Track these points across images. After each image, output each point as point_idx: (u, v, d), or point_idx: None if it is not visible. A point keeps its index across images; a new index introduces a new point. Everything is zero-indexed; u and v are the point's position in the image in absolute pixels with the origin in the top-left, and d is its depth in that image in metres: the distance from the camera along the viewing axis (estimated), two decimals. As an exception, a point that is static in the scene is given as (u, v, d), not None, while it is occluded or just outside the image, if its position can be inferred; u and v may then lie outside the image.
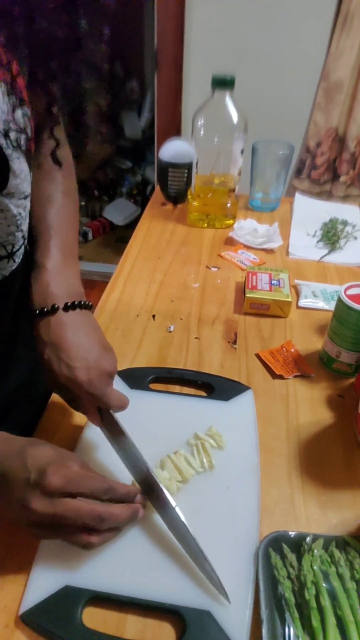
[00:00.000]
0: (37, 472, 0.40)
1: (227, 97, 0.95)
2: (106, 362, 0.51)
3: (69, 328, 0.51)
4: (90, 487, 0.42)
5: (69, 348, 0.50)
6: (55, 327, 0.51)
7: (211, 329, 0.79)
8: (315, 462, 0.59)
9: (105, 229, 2.87)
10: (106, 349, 0.53)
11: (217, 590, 0.44)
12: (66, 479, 0.41)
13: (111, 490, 0.43)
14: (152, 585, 0.45)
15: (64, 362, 0.49)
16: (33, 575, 0.45)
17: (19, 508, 0.40)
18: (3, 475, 0.41)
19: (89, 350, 0.51)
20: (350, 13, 1.60)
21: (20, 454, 0.42)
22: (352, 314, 0.64)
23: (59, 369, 0.49)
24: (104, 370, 0.51)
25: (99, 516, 0.42)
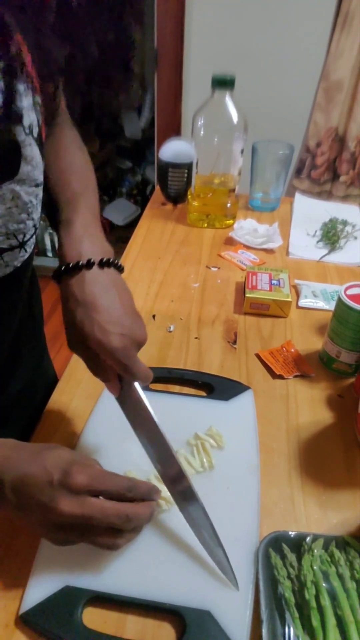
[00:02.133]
0: (61, 472, 0.40)
1: (227, 97, 0.95)
2: (138, 330, 0.49)
3: (104, 288, 0.49)
4: (114, 485, 0.42)
5: (104, 310, 0.47)
6: (90, 285, 0.48)
7: (211, 329, 0.79)
8: (315, 462, 0.59)
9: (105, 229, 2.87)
10: (138, 315, 0.51)
11: (226, 577, 0.44)
12: (91, 477, 0.41)
13: (134, 488, 0.43)
14: (152, 585, 0.45)
15: (99, 325, 0.46)
16: (33, 576, 0.45)
17: (44, 512, 0.40)
18: (22, 481, 0.40)
19: (124, 316, 0.48)
20: (350, 13, 1.60)
21: (37, 458, 0.42)
22: (352, 314, 0.64)
23: (92, 332, 0.46)
24: (136, 338, 0.48)
25: (126, 516, 0.41)
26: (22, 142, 0.45)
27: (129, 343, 0.47)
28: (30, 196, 0.49)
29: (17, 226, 0.49)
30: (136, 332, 0.48)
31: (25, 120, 0.45)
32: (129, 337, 0.47)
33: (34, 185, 0.49)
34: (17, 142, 0.45)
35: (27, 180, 0.47)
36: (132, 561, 0.46)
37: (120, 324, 0.47)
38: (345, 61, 1.69)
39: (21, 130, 0.45)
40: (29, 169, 0.47)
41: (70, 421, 0.62)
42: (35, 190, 0.49)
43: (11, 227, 0.48)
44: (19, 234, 0.50)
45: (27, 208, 0.49)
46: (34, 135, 0.47)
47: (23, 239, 0.50)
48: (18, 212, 0.48)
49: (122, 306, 0.49)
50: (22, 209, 0.48)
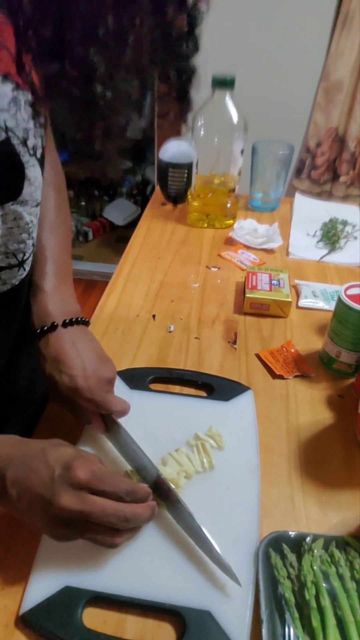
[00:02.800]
0: (62, 467, 0.41)
1: (227, 97, 0.95)
2: (104, 369, 0.54)
3: (68, 342, 0.54)
4: (114, 487, 0.42)
5: (67, 359, 0.52)
6: (54, 343, 0.53)
7: (211, 329, 0.79)
8: (315, 462, 0.59)
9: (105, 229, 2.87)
10: (104, 358, 0.56)
11: (227, 575, 0.45)
12: (92, 473, 0.41)
13: (133, 493, 0.44)
14: (152, 585, 0.45)
15: (64, 373, 0.52)
16: (33, 576, 0.45)
17: (45, 506, 0.40)
18: (25, 477, 0.41)
19: (87, 360, 0.53)
20: (350, 13, 1.60)
21: (40, 453, 0.42)
22: (352, 314, 0.64)
23: (60, 380, 0.52)
24: (103, 377, 0.53)
25: (125, 517, 0.42)
26: (26, 163, 0.46)
27: (95, 382, 0.52)
28: (32, 216, 0.50)
29: (17, 246, 0.50)
30: (101, 371, 0.53)
31: (29, 142, 0.46)
32: (93, 377, 0.52)
33: (35, 205, 0.50)
34: (21, 163, 0.45)
35: (29, 201, 0.48)
36: (132, 561, 0.46)
37: (84, 368, 0.52)
38: (345, 61, 1.69)
39: (26, 151, 0.45)
40: (32, 190, 0.48)
41: (70, 422, 0.62)
42: (35, 210, 0.50)
43: (11, 246, 0.49)
44: (18, 253, 0.51)
45: (28, 228, 0.50)
46: (37, 156, 0.48)
47: (22, 257, 0.52)
48: (19, 232, 0.49)
49: (85, 353, 0.54)
50: (23, 229, 0.49)
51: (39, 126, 0.47)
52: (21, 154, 0.45)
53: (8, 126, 0.42)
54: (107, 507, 0.41)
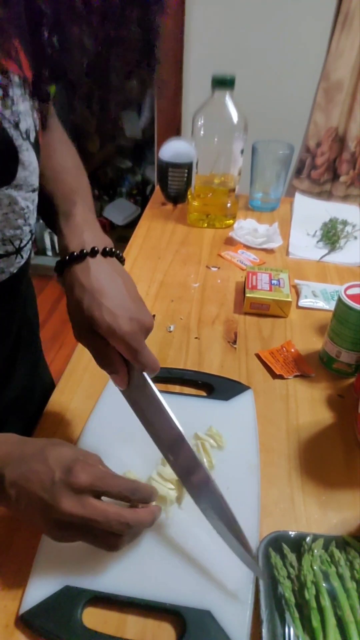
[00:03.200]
0: (63, 470, 0.40)
1: (227, 97, 0.95)
2: (146, 316, 0.49)
3: (110, 275, 0.49)
4: (117, 487, 0.42)
5: (111, 296, 0.47)
6: (96, 272, 0.48)
7: (211, 329, 0.79)
8: (315, 462, 0.59)
9: (105, 228, 2.87)
10: (143, 303, 0.50)
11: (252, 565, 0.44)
12: (94, 476, 0.40)
13: (137, 491, 0.43)
14: (152, 585, 0.45)
15: (107, 310, 0.46)
16: (33, 576, 0.45)
17: (45, 508, 0.40)
18: (24, 477, 0.40)
19: (131, 302, 0.48)
20: (350, 13, 1.60)
21: (40, 454, 0.42)
22: (352, 314, 0.64)
23: (101, 316, 0.46)
24: (143, 323, 0.48)
25: (127, 522, 0.41)
26: (19, 147, 0.45)
27: (138, 328, 0.47)
28: (27, 201, 0.49)
29: (13, 232, 0.48)
30: (144, 318, 0.48)
31: (22, 125, 0.45)
32: (137, 322, 0.47)
33: (30, 190, 0.48)
34: (14, 147, 0.45)
35: (24, 186, 0.47)
36: (132, 561, 0.46)
37: (129, 308, 0.47)
38: (345, 61, 1.69)
39: (18, 135, 0.44)
40: (26, 174, 0.47)
41: (70, 421, 0.62)
42: (31, 195, 0.49)
43: (7, 233, 0.48)
44: (15, 240, 0.49)
45: (24, 214, 0.49)
46: (31, 140, 0.47)
47: (19, 244, 0.50)
48: (15, 217, 0.48)
49: (128, 294, 0.49)
50: (19, 214, 0.48)
51: (31, 109, 0.46)
52: (14, 137, 0.44)
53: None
54: (109, 513, 0.40)
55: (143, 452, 0.57)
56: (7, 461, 0.42)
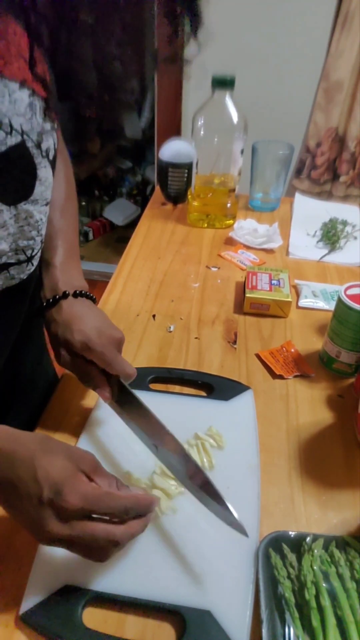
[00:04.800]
0: (52, 489, 0.38)
1: (227, 97, 0.95)
2: (115, 331, 0.57)
3: (79, 309, 0.57)
4: (110, 508, 0.40)
5: (80, 321, 0.56)
6: (66, 308, 0.57)
7: (211, 329, 0.79)
8: (315, 462, 0.59)
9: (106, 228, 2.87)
10: (112, 324, 0.59)
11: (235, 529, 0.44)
12: (84, 499, 0.39)
13: (134, 509, 0.41)
14: (152, 585, 0.45)
15: (79, 331, 0.55)
16: (33, 575, 0.45)
17: (32, 524, 0.39)
18: (12, 485, 0.39)
19: (98, 322, 0.57)
20: (350, 13, 1.60)
21: (29, 461, 0.40)
22: (352, 314, 0.64)
23: (73, 337, 0.54)
24: (113, 336, 0.56)
25: (114, 540, 0.40)
26: (38, 164, 0.47)
27: (107, 340, 0.55)
28: (41, 214, 0.51)
29: (26, 243, 0.51)
30: (113, 332, 0.56)
31: (43, 145, 0.47)
32: (106, 336, 0.55)
33: (44, 204, 0.51)
34: (34, 164, 0.47)
35: (39, 200, 0.49)
36: (132, 561, 0.46)
37: (98, 327, 0.55)
38: (345, 61, 1.69)
39: (39, 153, 0.47)
40: (42, 189, 0.49)
41: (71, 421, 0.62)
42: (45, 208, 0.52)
43: (21, 243, 0.50)
44: (27, 250, 0.52)
45: (38, 225, 0.51)
46: (49, 158, 0.49)
47: (31, 253, 0.53)
48: (29, 229, 0.50)
49: (96, 319, 0.57)
50: (33, 226, 0.50)
51: (51, 129, 0.48)
52: (34, 156, 0.46)
53: (24, 129, 0.44)
54: (96, 532, 0.39)
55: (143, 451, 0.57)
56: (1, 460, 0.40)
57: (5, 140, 0.42)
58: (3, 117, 0.41)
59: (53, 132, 0.49)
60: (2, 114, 0.41)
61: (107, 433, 0.60)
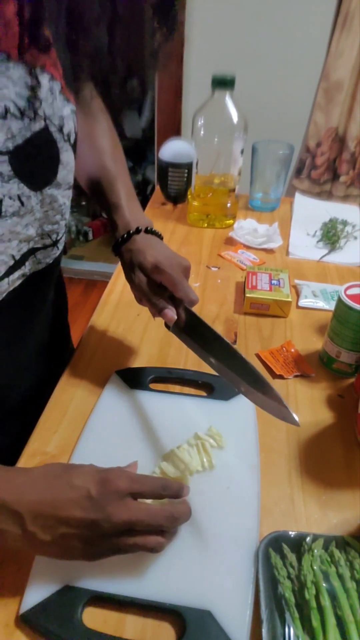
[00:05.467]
0: (97, 483, 0.40)
1: (227, 97, 0.95)
2: (184, 260, 0.61)
3: (151, 241, 0.63)
4: (151, 486, 0.43)
5: (152, 249, 0.61)
6: (140, 240, 0.62)
7: (211, 329, 0.79)
8: (315, 462, 0.59)
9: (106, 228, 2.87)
10: (181, 256, 0.62)
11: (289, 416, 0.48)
12: (130, 479, 0.42)
13: (168, 487, 0.44)
14: (152, 585, 0.45)
15: (151, 254, 0.59)
16: (33, 575, 0.45)
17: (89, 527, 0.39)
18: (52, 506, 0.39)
19: (169, 252, 0.62)
20: (350, 13, 1.60)
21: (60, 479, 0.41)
22: (352, 314, 0.64)
23: (145, 260, 0.59)
24: (182, 264, 0.60)
25: (172, 515, 0.43)
26: (60, 148, 0.48)
27: (177, 264, 0.59)
28: (64, 198, 0.52)
29: (51, 227, 0.52)
30: (182, 260, 0.61)
31: (65, 129, 0.48)
32: (176, 261, 0.59)
33: (67, 188, 0.52)
34: (57, 148, 0.48)
35: (62, 184, 0.50)
36: (132, 561, 0.46)
37: (168, 254, 0.61)
38: (345, 61, 1.69)
39: (61, 137, 0.48)
40: (65, 173, 0.50)
41: (70, 421, 0.62)
42: (68, 192, 0.53)
43: (46, 228, 0.51)
44: (52, 234, 0.53)
45: (62, 210, 0.52)
46: (71, 142, 0.50)
47: (56, 237, 0.54)
48: (53, 214, 0.51)
49: (166, 250, 0.62)
50: (57, 210, 0.51)
51: (71, 112, 0.49)
52: (57, 140, 0.47)
53: (46, 114, 0.45)
54: (154, 510, 0.42)
55: (143, 451, 0.57)
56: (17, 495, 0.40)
57: (30, 126, 0.43)
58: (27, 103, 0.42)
59: (73, 115, 0.50)
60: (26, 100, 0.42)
61: (109, 430, 0.60)
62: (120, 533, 0.41)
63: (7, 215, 0.44)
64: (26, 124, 0.42)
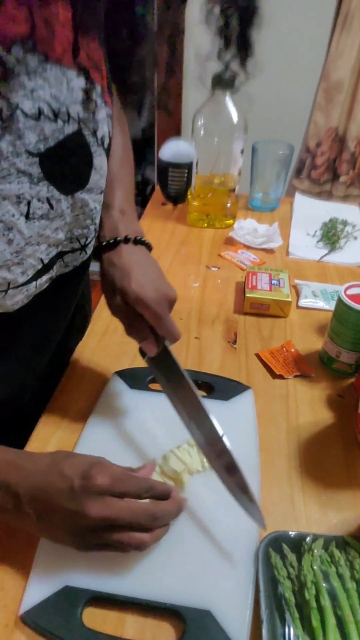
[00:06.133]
0: (80, 477, 0.41)
1: (227, 97, 0.95)
2: (169, 290, 0.57)
3: (139, 258, 0.57)
4: (134, 486, 0.43)
5: (140, 272, 0.55)
6: (126, 254, 0.57)
7: (211, 329, 0.79)
8: (315, 462, 0.59)
9: (105, 229, 2.87)
10: (168, 282, 0.58)
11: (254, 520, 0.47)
12: (112, 477, 0.41)
13: (152, 489, 0.44)
14: (152, 585, 0.45)
15: (136, 281, 0.54)
16: (33, 575, 0.45)
17: (71, 518, 0.40)
18: (43, 490, 0.41)
19: (156, 277, 0.57)
20: (350, 13, 1.60)
21: (53, 466, 0.42)
22: (352, 314, 0.64)
23: (130, 287, 0.54)
24: (168, 295, 0.55)
25: (153, 514, 0.42)
26: (94, 152, 0.47)
27: (162, 298, 0.54)
28: (96, 203, 0.51)
29: (81, 231, 0.51)
30: (168, 290, 0.56)
31: (99, 133, 0.47)
32: (162, 292, 0.55)
33: (99, 192, 0.51)
34: (91, 153, 0.47)
35: (94, 189, 0.50)
36: (132, 561, 0.46)
37: (154, 281, 0.56)
38: (345, 61, 1.69)
39: (94, 141, 0.47)
40: (97, 178, 0.49)
41: (71, 421, 0.62)
42: (100, 197, 0.52)
43: (76, 232, 0.51)
44: (81, 238, 0.52)
45: (92, 214, 0.51)
46: (104, 146, 0.49)
47: (85, 242, 0.53)
48: (84, 218, 0.50)
49: (154, 273, 0.57)
50: (88, 215, 0.51)
51: (107, 116, 0.48)
52: (91, 144, 0.47)
53: (80, 118, 0.44)
54: (134, 507, 0.42)
55: (143, 450, 0.57)
56: (18, 478, 0.42)
57: (63, 129, 0.42)
58: (61, 105, 0.41)
59: (108, 119, 0.49)
60: (61, 103, 0.41)
61: (110, 428, 0.59)
62: (101, 528, 0.41)
63: (36, 217, 0.43)
64: (59, 127, 0.42)
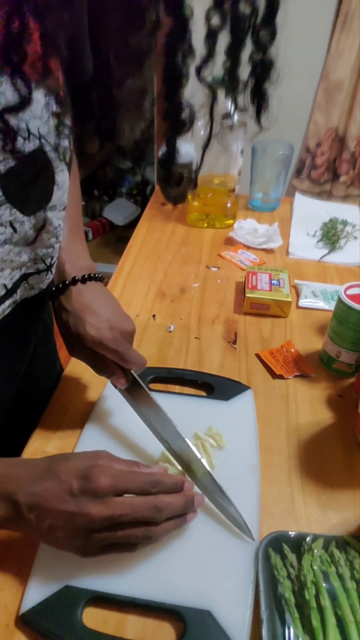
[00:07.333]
0: (80, 479, 0.40)
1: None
2: (125, 323, 0.56)
3: (89, 296, 0.56)
4: (137, 482, 0.42)
5: (92, 313, 0.55)
6: (76, 297, 0.56)
7: (211, 329, 0.79)
8: (315, 462, 0.59)
9: (105, 228, 2.87)
10: (123, 313, 0.58)
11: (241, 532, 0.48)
12: (113, 477, 0.41)
13: (159, 483, 0.43)
14: (152, 585, 0.45)
15: (90, 324, 0.53)
16: (33, 575, 0.45)
17: (73, 520, 0.40)
18: (41, 497, 0.40)
19: (110, 314, 0.56)
20: (350, 13, 1.60)
21: (49, 471, 0.42)
22: (352, 314, 0.64)
23: (85, 332, 0.53)
24: (125, 330, 0.55)
25: (155, 506, 0.42)
26: (56, 168, 0.45)
27: (119, 334, 0.54)
28: (59, 220, 0.49)
29: (45, 251, 0.49)
30: (124, 324, 0.56)
31: (60, 147, 0.45)
32: (118, 329, 0.54)
33: (62, 209, 0.49)
34: (53, 168, 0.45)
35: (57, 206, 0.47)
36: (133, 561, 0.46)
37: (108, 320, 0.55)
38: (345, 61, 1.69)
39: (57, 156, 0.45)
40: (60, 194, 0.47)
41: (71, 421, 0.62)
42: (62, 214, 0.50)
43: (40, 252, 0.48)
44: (46, 258, 0.50)
45: (56, 232, 0.49)
46: (66, 160, 0.47)
47: (50, 262, 0.51)
48: (48, 237, 0.48)
49: (107, 308, 0.56)
50: (52, 234, 0.48)
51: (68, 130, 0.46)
52: (52, 160, 0.44)
53: (41, 133, 0.42)
54: (135, 502, 0.41)
55: (143, 450, 0.57)
56: (16, 486, 0.41)
57: (23, 146, 0.40)
58: (20, 121, 0.39)
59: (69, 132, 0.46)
60: (19, 118, 0.38)
61: (109, 429, 0.60)
62: (104, 528, 0.40)
63: None
64: (19, 144, 0.39)
